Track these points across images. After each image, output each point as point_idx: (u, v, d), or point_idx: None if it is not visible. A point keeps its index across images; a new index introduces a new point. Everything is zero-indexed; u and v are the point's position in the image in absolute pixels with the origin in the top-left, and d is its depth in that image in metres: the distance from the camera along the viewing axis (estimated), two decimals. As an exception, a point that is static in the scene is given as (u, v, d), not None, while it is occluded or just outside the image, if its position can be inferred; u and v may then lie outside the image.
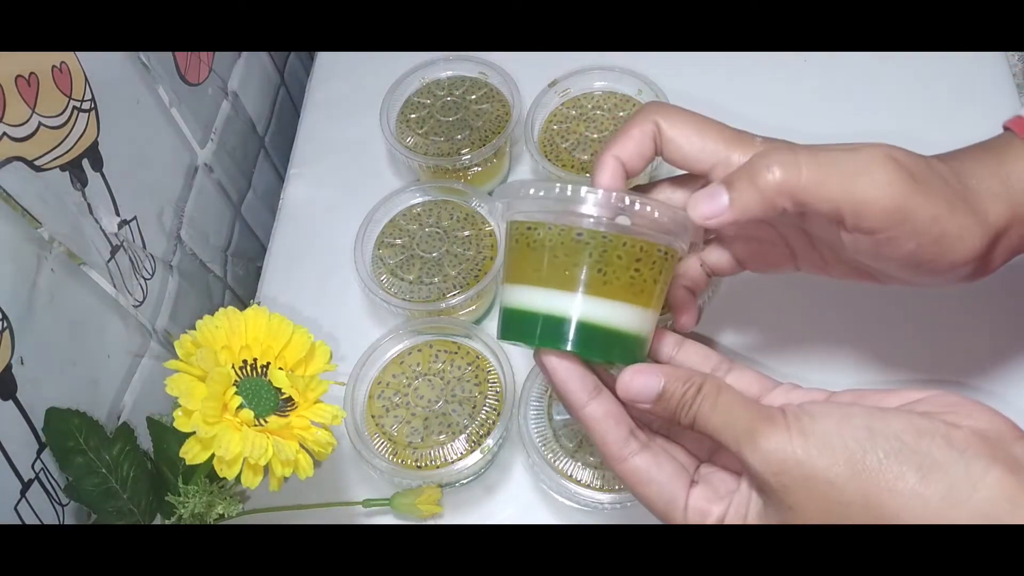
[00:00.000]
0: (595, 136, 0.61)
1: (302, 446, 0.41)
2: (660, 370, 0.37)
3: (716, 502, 0.37)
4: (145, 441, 0.50)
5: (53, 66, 0.48)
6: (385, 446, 0.51)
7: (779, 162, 0.37)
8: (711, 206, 0.38)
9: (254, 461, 0.39)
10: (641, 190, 0.43)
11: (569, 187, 0.37)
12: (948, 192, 0.37)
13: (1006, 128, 0.40)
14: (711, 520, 0.37)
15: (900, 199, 0.36)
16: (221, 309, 0.43)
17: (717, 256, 0.45)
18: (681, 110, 0.40)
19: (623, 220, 0.36)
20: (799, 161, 0.37)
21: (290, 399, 0.43)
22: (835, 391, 0.38)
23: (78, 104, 0.50)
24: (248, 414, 0.40)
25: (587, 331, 0.37)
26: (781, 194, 0.37)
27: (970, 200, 0.37)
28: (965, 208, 0.37)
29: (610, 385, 0.39)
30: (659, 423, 0.42)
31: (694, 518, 0.37)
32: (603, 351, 0.38)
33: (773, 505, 0.35)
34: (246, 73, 0.73)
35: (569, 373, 0.38)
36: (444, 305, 0.55)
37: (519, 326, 0.39)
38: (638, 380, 0.37)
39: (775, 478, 0.34)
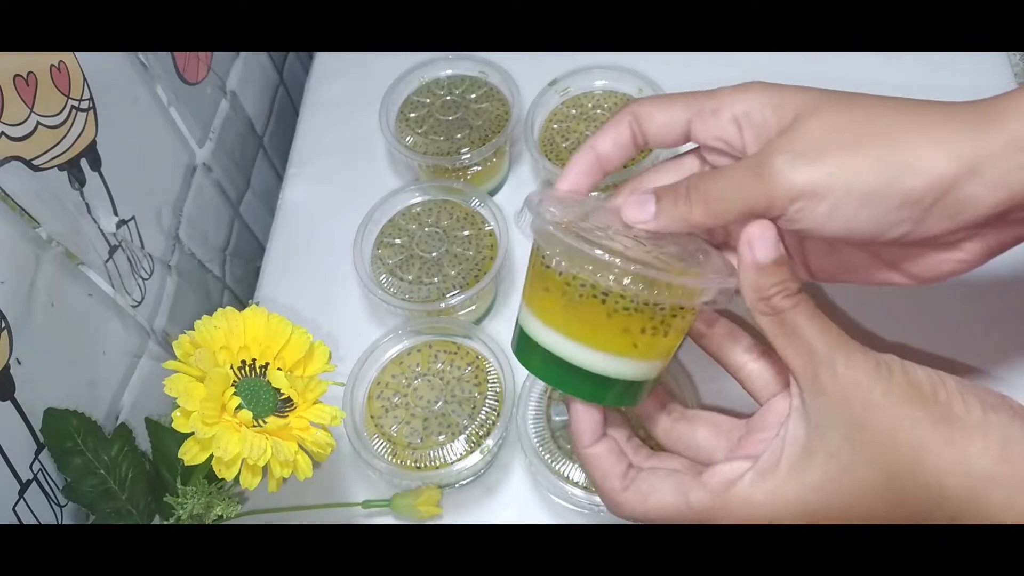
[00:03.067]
0: (595, 136, 0.61)
1: (301, 447, 0.41)
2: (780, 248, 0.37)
3: (739, 461, 0.37)
4: (144, 442, 0.50)
5: (52, 65, 0.48)
6: (384, 447, 0.51)
7: (702, 193, 0.38)
8: (638, 214, 0.39)
9: (253, 462, 0.39)
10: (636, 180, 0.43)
11: (607, 257, 0.35)
12: (875, 151, 0.35)
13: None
14: (744, 474, 0.36)
15: (812, 176, 0.35)
16: (220, 309, 0.43)
17: None
18: (655, 96, 0.42)
19: (658, 296, 0.36)
20: (719, 187, 0.37)
21: (289, 400, 0.42)
22: None
23: (76, 103, 0.50)
24: (247, 415, 0.40)
25: (600, 383, 0.38)
26: (705, 221, 0.38)
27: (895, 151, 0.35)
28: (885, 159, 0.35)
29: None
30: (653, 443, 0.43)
31: (718, 483, 0.37)
32: (612, 399, 0.38)
33: (834, 437, 0.35)
34: (245, 72, 0.73)
35: (581, 415, 0.39)
36: (444, 305, 0.55)
37: (533, 360, 0.39)
38: (767, 235, 0.37)
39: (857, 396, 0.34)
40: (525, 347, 0.39)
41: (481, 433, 0.51)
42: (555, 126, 0.62)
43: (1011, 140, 0.34)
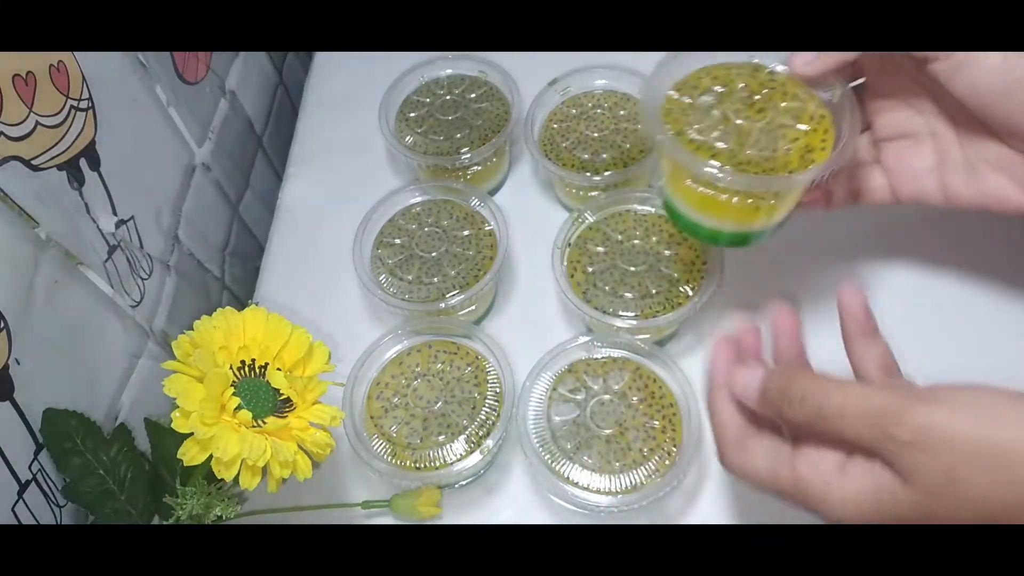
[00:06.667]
0: (595, 135, 0.60)
1: (300, 447, 0.41)
2: (761, 366, 0.39)
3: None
4: (143, 442, 0.50)
5: (51, 65, 0.47)
6: (384, 447, 0.51)
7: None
8: (805, 56, 0.45)
9: (252, 462, 0.39)
10: None
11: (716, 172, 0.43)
12: None
13: None
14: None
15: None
16: (219, 309, 0.43)
17: (873, 182, 0.48)
18: None
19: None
20: None
21: (288, 400, 0.42)
22: None
23: (76, 103, 0.50)
24: (246, 415, 0.40)
25: (731, 237, 0.47)
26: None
27: None
28: None
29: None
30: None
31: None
32: (738, 241, 0.47)
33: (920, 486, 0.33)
34: (244, 72, 0.72)
35: (717, 354, 0.43)
36: (443, 305, 0.55)
37: (677, 220, 0.48)
38: (741, 377, 0.39)
39: (935, 458, 0.32)
40: (668, 209, 0.48)
41: (481, 433, 0.51)
42: (555, 126, 0.62)
43: None
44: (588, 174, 0.58)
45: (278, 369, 0.43)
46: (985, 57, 0.39)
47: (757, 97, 0.46)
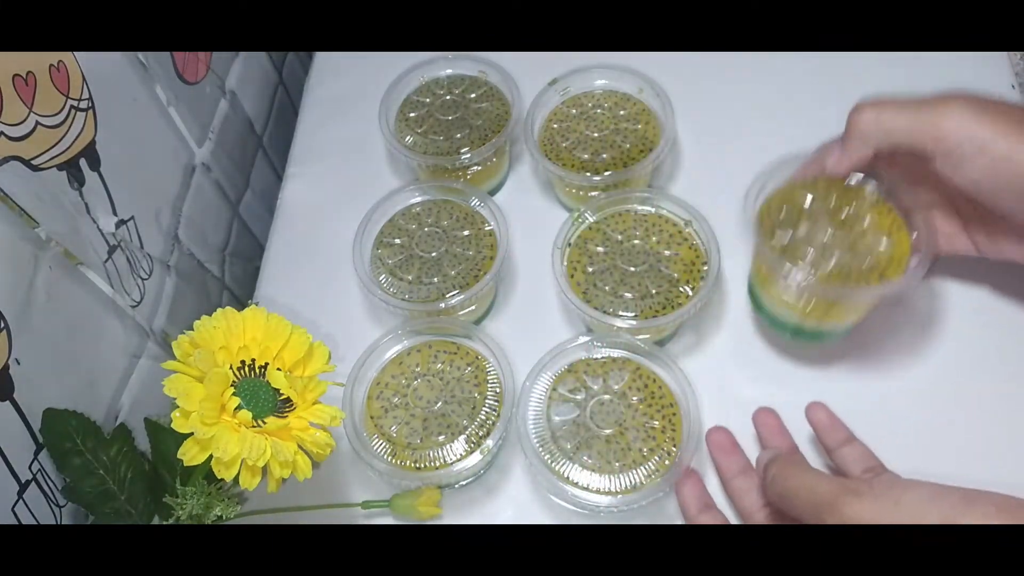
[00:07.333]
0: (595, 135, 0.60)
1: (300, 447, 0.41)
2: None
3: None
4: (143, 442, 0.50)
5: (51, 65, 0.47)
6: (384, 447, 0.51)
7: (869, 107, 0.46)
8: (832, 157, 0.48)
9: (252, 462, 0.39)
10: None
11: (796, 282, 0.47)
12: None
13: None
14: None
15: (968, 121, 0.43)
16: (219, 309, 0.43)
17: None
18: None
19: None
20: (884, 106, 0.46)
21: (288, 400, 0.42)
22: None
23: (76, 103, 0.50)
24: (246, 415, 0.40)
25: (799, 332, 0.52)
26: (872, 131, 0.46)
27: None
28: None
29: None
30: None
31: None
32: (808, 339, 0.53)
33: None
34: (244, 72, 0.72)
35: (686, 493, 0.49)
36: (443, 305, 0.55)
37: (759, 311, 0.53)
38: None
39: None
40: (753, 299, 0.53)
41: (481, 433, 0.51)
42: (555, 126, 0.62)
43: None
44: (588, 174, 0.58)
45: (278, 369, 0.43)
46: (976, 158, 0.43)
47: (845, 208, 0.49)
